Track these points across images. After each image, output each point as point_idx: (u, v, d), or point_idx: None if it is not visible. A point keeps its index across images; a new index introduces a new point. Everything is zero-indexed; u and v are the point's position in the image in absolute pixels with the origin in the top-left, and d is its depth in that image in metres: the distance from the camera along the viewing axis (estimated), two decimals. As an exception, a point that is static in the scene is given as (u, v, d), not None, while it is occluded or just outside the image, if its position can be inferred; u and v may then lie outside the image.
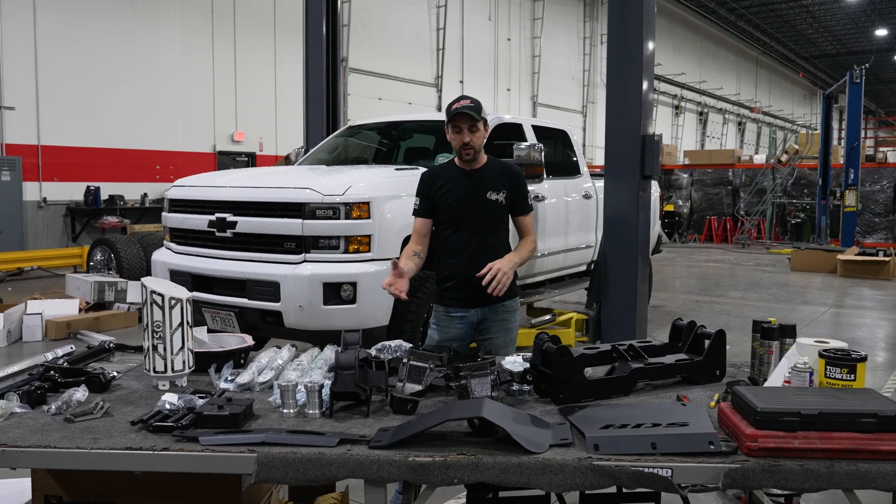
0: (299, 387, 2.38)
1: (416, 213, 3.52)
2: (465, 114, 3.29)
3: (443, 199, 3.44)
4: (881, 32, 34.62)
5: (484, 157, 3.46)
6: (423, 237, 3.51)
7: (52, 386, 2.54)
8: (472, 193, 3.40)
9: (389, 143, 7.19)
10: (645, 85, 5.97)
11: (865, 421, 1.99)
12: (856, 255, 13.96)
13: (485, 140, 3.40)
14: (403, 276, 3.19)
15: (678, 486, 1.97)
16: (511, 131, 6.59)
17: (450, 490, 3.70)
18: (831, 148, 18.78)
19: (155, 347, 2.55)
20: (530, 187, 6.44)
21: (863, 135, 20.02)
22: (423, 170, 5.50)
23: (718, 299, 10.86)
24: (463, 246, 3.41)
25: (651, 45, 6.06)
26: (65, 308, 7.90)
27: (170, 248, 5.84)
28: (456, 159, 3.47)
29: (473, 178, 3.42)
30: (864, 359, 2.32)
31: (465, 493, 2.97)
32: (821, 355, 2.36)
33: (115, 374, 2.71)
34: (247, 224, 5.15)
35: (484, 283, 3.23)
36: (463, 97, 3.38)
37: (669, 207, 22.13)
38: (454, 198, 3.42)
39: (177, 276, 5.38)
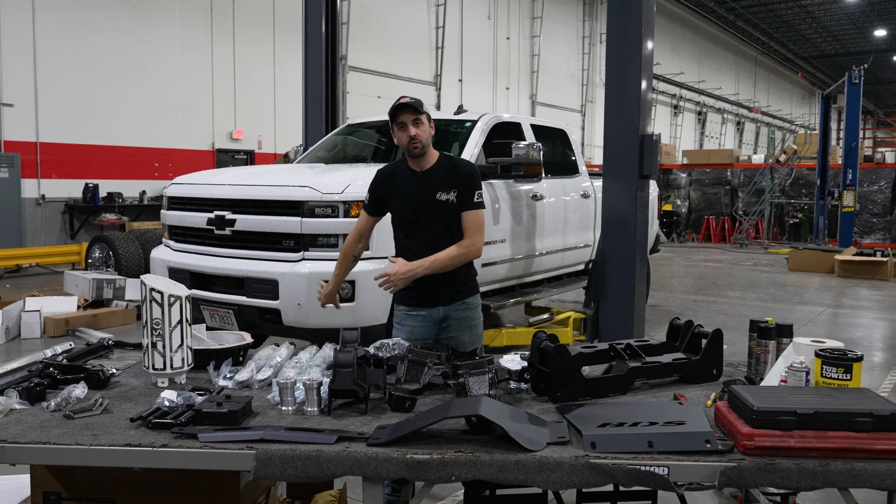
0: (298, 384, 2.39)
1: (365, 208, 3.50)
2: (408, 105, 3.25)
3: (393, 202, 3.40)
4: (880, 33, 34.63)
5: (434, 155, 3.37)
6: (364, 236, 3.50)
7: (52, 383, 2.55)
8: (421, 195, 3.34)
9: (388, 141, 7.19)
10: (644, 84, 5.99)
11: (861, 420, 2.00)
12: (853, 255, 13.98)
13: (431, 136, 3.32)
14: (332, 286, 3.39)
15: (675, 485, 1.99)
16: (510, 130, 6.60)
17: (447, 487, 3.71)
18: (830, 148, 18.78)
19: (154, 345, 2.56)
20: (529, 186, 6.52)
21: (861, 135, 20.03)
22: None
23: (716, 299, 10.88)
24: (420, 247, 3.35)
25: (650, 45, 6.07)
26: (63, 305, 7.90)
27: (168, 246, 5.84)
28: (408, 161, 3.40)
29: (423, 180, 3.35)
30: (860, 358, 2.33)
31: (461, 490, 2.98)
32: (817, 355, 2.37)
33: (115, 370, 2.72)
34: (245, 222, 5.16)
35: (375, 277, 3.31)
36: (402, 97, 3.34)
37: (668, 207, 22.14)
38: (404, 200, 3.37)
39: (175, 274, 5.38)
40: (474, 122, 6.29)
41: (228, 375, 2.63)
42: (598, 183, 7.17)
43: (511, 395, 2.56)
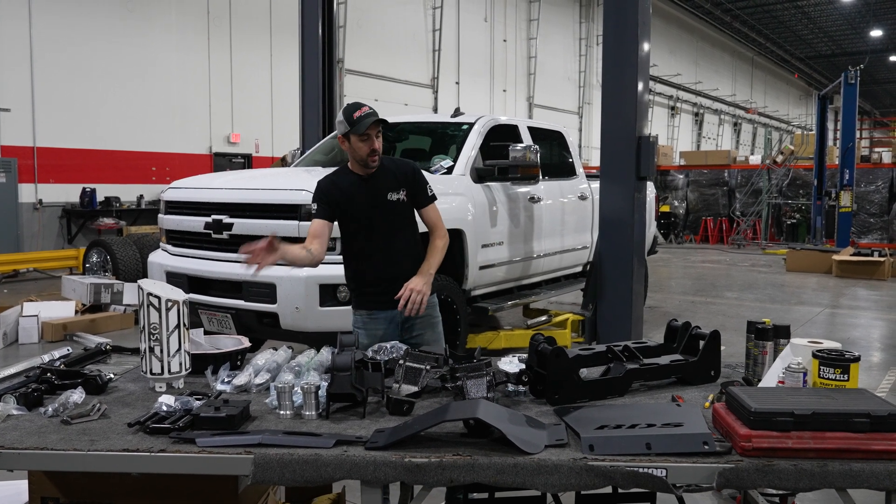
0: (296, 388, 2.39)
1: (317, 215, 3.38)
2: (380, 119, 3.25)
3: (344, 209, 3.38)
4: (876, 33, 34.72)
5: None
6: (316, 238, 3.35)
7: (49, 388, 2.55)
8: (372, 198, 3.35)
9: (385, 144, 7.19)
10: (640, 86, 5.99)
11: (858, 421, 2.00)
12: (851, 255, 14.00)
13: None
14: (275, 253, 3.02)
15: (673, 487, 1.99)
16: (507, 133, 6.60)
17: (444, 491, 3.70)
18: (826, 149, 18.82)
19: (152, 349, 2.56)
20: (526, 188, 6.52)
21: (858, 135, 20.09)
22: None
23: (714, 300, 10.89)
24: (376, 248, 3.38)
25: (646, 47, 6.08)
26: (61, 310, 7.89)
27: (166, 250, 5.84)
28: (351, 166, 3.40)
29: (371, 183, 3.36)
30: (857, 359, 2.33)
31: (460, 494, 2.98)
32: (814, 356, 2.37)
33: (112, 375, 2.72)
34: (243, 226, 5.15)
35: (399, 307, 3.24)
36: (360, 105, 3.29)
37: (665, 208, 22.17)
38: (356, 205, 3.36)
39: (173, 278, 5.38)
40: (471, 125, 6.30)
41: (226, 380, 2.63)
42: (596, 185, 7.18)
43: (509, 397, 2.56)
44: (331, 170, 3.63)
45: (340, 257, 4.83)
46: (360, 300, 3.50)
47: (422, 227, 3.53)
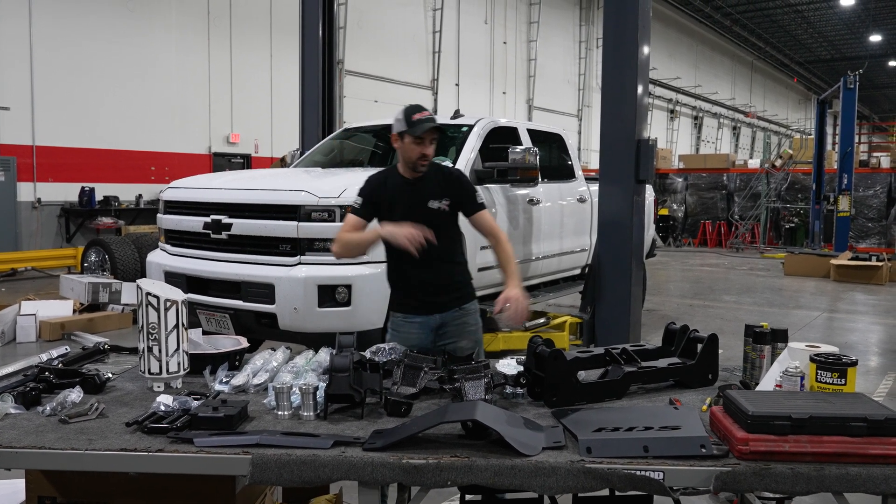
0: (294, 389, 2.39)
1: (355, 211, 3.38)
2: (437, 126, 3.25)
3: (386, 210, 3.36)
4: (875, 38, 34.79)
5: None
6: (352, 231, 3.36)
7: (47, 387, 2.55)
8: (414, 204, 3.33)
9: (385, 145, 7.20)
10: (640, 89, 6.00)
11: (855, 425, 2.01)
12: (849, 259, 14.01)
13: None
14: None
15: (670, 489, 1.99)
16: (506, 135, 6.61)
17: (443, 492, 3.71)
18: (825, 153, 18.85)
19: (150, 349, 2.56)
20: (525, 191, 6.52)
21: (856, 140, 20.10)
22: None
23: (712, 303, 10.89)
24: (409, 255, 3.31)
25: (646, 50, 6.09)
26: (59, 309, 7.89)
27: (165, 250, 5.84)
28: (401, 168, 3.38)
29: (416, 188, 3.35)
30: (854, 363, 2.34)
31: (458, 496, 2.98)
32: (812, 360, 2.38)
33: (110, 375, 2.71)
34: (242, 226, 5.15)
35: (505, 318, 3.15)
36: (421, 108, 3.30)
37: (664, 211, 22.17)
38: (397, 208, 3.34)
39: (172, 278, 5.38)
40: (471, 127, 6.30)
41: (224, 380, 2.63)
42: (595, 187, 7.19)
43: (507, 399, 2.56)
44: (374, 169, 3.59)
45: (338, 258, 4.87)
46: (396, 302, 3.48)
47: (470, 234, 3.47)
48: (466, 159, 5.95)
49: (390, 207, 3.36)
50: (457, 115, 6.78)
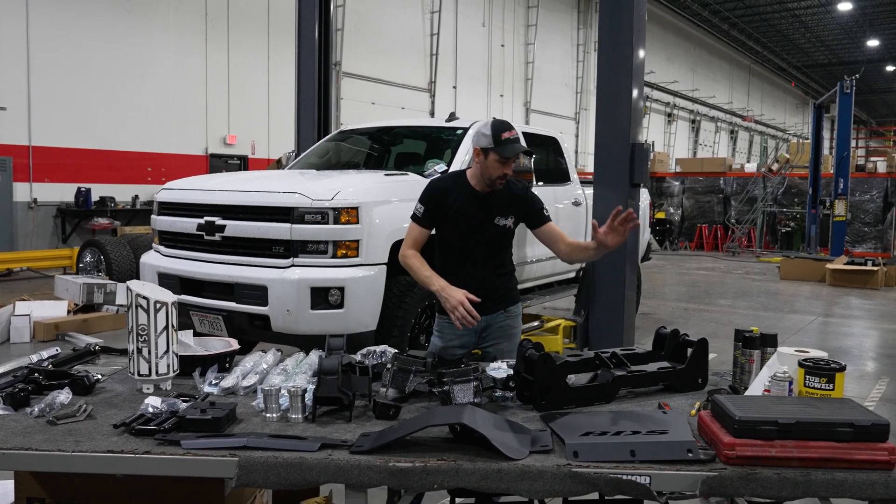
0: (282, 391, 2.39)
1: (418, 220, 3.34)
2: (522, 148, 3.22)
3: (449, 218, 3.31)
4: (873, 43, 34.90)
5: None
6: (416, 245, 3.34)
7: (36, 388, 2.54)
8: (480, 217, 3.29)
9: (381, 148, 7.21)
10: (635, 93, 6.01)
11: (842, 430, 2.01)
12: (845, 264, 14.05)
13: None
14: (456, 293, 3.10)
15: (657, 494, 1.99)
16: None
17: (434, 496, 3.70)
18: (822, 157, 18.89)
19: (139, 351, 2.56)
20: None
21: (853, 145, 20.15)
22: (412, 175, 5.54)
23: (707, 307, 10.91)
24: (467, 262, 3.34)
25: (641, 53, 6.09)
26: (53, 309, 7.88)
27: (158, 251, 5.83)
28: (473, 179, 3.31)
29: (485, 203, 3.30)
30: (842, 368, 2.34)
31: (447, 499, 2.98)
32: (800, 365, 2.38)
33: (100, 376, 2.71)
34: (236, 228, 5.15)
35: (620, 219, 3.11)
36: (509, 125, 3.24)
37: (661, 215, 22.21)
38: (461, 219, 3.29)
39: (165, 279, 5.38)
40: (466, 130, 6.30)
41: (214, 382, 2.63)
42: (590, 191, 7.19)
43: (496, 403, 2.56)
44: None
45: (333, 260, 4.87)
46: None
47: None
48: (461, 162, 5.95)
49: (455, 218, 3.30)
50: (452, 117, 6.78)
